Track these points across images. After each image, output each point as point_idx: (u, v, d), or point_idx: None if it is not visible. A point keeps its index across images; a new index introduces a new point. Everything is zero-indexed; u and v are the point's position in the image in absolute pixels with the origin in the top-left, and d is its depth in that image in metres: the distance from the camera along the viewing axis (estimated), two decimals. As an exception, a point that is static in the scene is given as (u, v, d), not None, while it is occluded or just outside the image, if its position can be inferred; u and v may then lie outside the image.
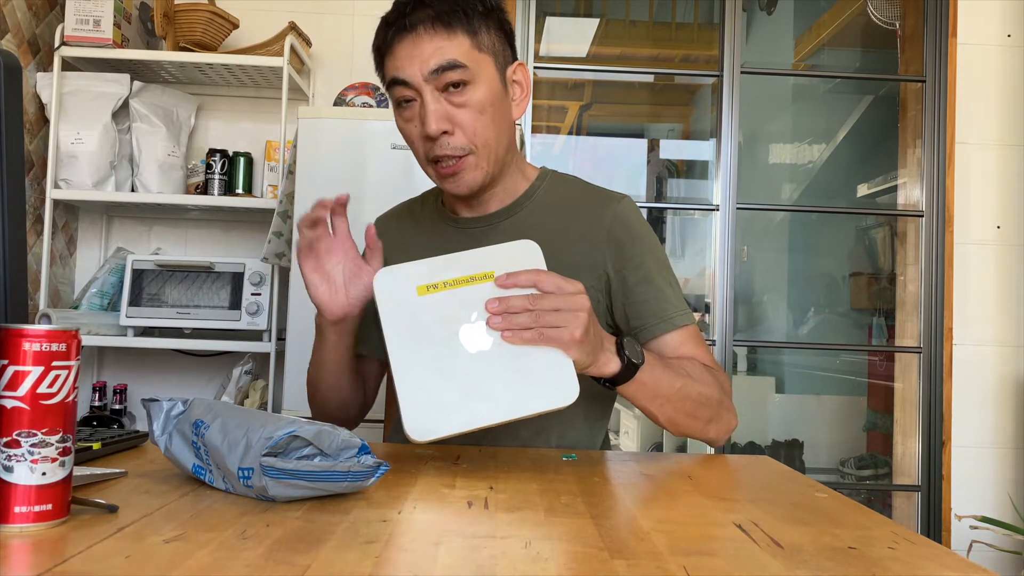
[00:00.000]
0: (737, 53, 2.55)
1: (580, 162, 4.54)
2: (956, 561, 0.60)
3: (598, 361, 0.91)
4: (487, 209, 1.15)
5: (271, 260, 2.18)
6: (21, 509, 0.59)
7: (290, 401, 2.03)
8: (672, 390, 1.00)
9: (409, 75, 1.02)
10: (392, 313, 0.86)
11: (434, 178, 1.10)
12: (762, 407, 3.43)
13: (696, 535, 0.66)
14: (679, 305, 1.12)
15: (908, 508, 2.59)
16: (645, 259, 1.12)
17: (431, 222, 1.21)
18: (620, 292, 1.11)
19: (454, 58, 1.02)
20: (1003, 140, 2.57)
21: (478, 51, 1.04)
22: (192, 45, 2.33)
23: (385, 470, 0.72)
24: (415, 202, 1.27)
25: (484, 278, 0.86)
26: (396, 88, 1.05)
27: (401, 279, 0.87)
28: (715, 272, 2.54)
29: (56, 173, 2.28)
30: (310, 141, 2.04)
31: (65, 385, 0.61)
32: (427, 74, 1.01)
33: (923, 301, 2.53)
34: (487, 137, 1.05)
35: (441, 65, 1.01)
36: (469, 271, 0.86)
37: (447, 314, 0.85)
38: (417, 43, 1.02)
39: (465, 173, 1.06)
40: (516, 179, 1.16)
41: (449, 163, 1.05)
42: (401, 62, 1.03)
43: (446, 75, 1.01)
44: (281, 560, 0.54)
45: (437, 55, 1.01)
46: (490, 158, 1.07)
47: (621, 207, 1.13)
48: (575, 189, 1.18)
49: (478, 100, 1.03)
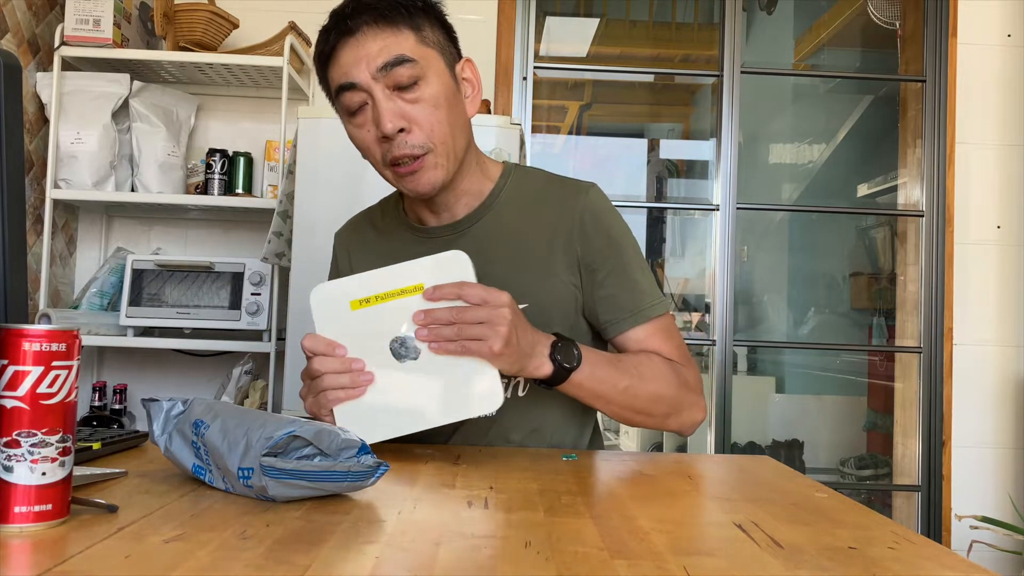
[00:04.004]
0: (737, 53, 2.55)
1: (580, 162, 4.54)
2: (956, 561, 0.60)
3: (527, 368, 0.93)
4: (454, 215, 1.12)
5: (271, 260, 2.18)
6: (21, 509, 0.59)
7: (290, 401, 2.03)
8: (615, 390, 1.00)
9: (357, 77, 0.99)
10: (327, 328, 0.90)
11: (393, 182, 1.06)
12: (762, 407, 3.43)
13: (696, 535, 0.66)
14: (652, 294, 1.09)
15: (908, 508, 2.59)
16: (615, 249, 1.09)
17: (394, 231, 1.18)
18: (590, 285, 1.09)
19: (402, 53, 0.99)
20: (1003, 140, 2.57)
21: (424, 46, 1.01)
22: (192, 45, 2.33)
23: (385, 470, 0.72)
24: (373, 212, 1.24)
25: (414, 290, 0.88)
26: (344, 95, 1.01)
27: (335, 295, 0.90)
28: (715, 272, 2.54)
29: (56, 173, 2.28)
30: (310, 141, 2.04)
31: (65, 385, 0.61)
32: (375, 72, 0.99)
33: (923, 301, 2.53)
34: (444, 133, 1.02)
35: (389, 61, 0.98)
36: (400, 284, 0.88)
37: (379, 327, 0.89)
38: (362, 43, 0.99)
39: (425, 172, 1.02)
40: (479, 179, 1.12)
41: (408, 162, 1.02)
42: (347, 66, 1.00)
43: (396, 72, 0.99)
44: (281, 560, 0.54)
45: (384, 52, 0.99)
46: (449, 156, 1.04)
47: (589, 197, 1.10)
48: (540, 182, 1.15)
49: (432, 95, 1.01)
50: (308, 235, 2.03)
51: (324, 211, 2.03)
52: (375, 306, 0.88)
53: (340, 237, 1.24)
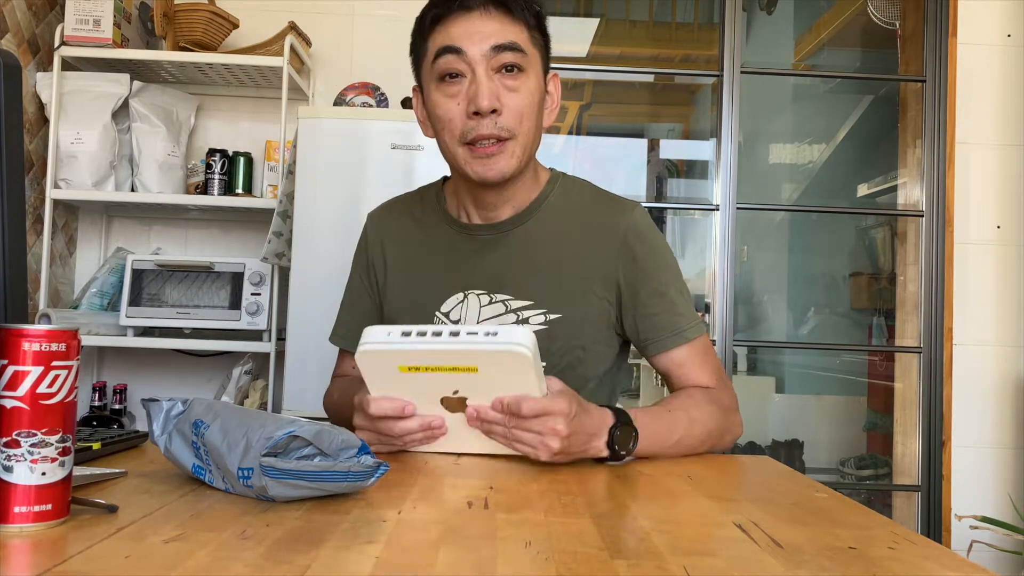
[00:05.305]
0: (737, 53, 2.55)
1: (580, 162, 4.54)
2: (956, 561, 0.60)
3: (585, 455, 0.91)
4: (499, 216, 1.13)
5: (271, 260, 2.18)
6: (21, 509, 0.59)
7: (290, 401, 2.02)
8: (667, 445, 0.99)
9: (467, 48, 1.01)
10: (378, 384, 0.89)
11: (463, 160, 1.05)
12: (762, 407, 3.43)
13: (696, 535, 0.66)
14: (690, 317, 1.11)
15: (908, 508, 2.59)
16: (658, 271, 1.11)
17: (435, 224, 1.18)
18: (631, 304, 1.10)
19: (516, 41, 1.02)
20: (1003, 140, 2.57)
21: (532, 44, 1.05)
22: (192, 45, 2.33)
23: (385, 470, 0.72)
24: (410, 200, 1.23)
25: (467, 371, 0.84)
26: (445, 57, 1.02)
27: (384, 359, 0.86)
28: (715, 272, 2.54)
29: (56, 173, 2.28)
30: (310, 141, 2.04)
31: (65, 385, 0.61)
32: (487, 51, 1.01)
33: (923, 301, 2.53)
34: (529, 126, 1.05)
35: (502, 44, 1.01)
36: (452, 362, 0.84)
37: (428, 389, 0.87)
38: (481, 20, 1.02)
39: (501, 157, 1.04)
40: (529, 185, 1.14)
41: (488, 143, 1.03)
42: (458, 35, 1.02)
43: (504, 55, 1.01)
44: (281, 560, 0.54)
45: (499, 34, 1.02)
46: (525, 150, 1.06)
47: (634, 216, 1.12)
48: (586, 195, 1.16)
49: (528, 88, 1.04)
50: (308, 235, 2.03)
51: (324, 211, 2.03)
52: (425, 373, 0.86)
53: (374, 220, 1.23)
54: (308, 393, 2.00)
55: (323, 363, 1.96)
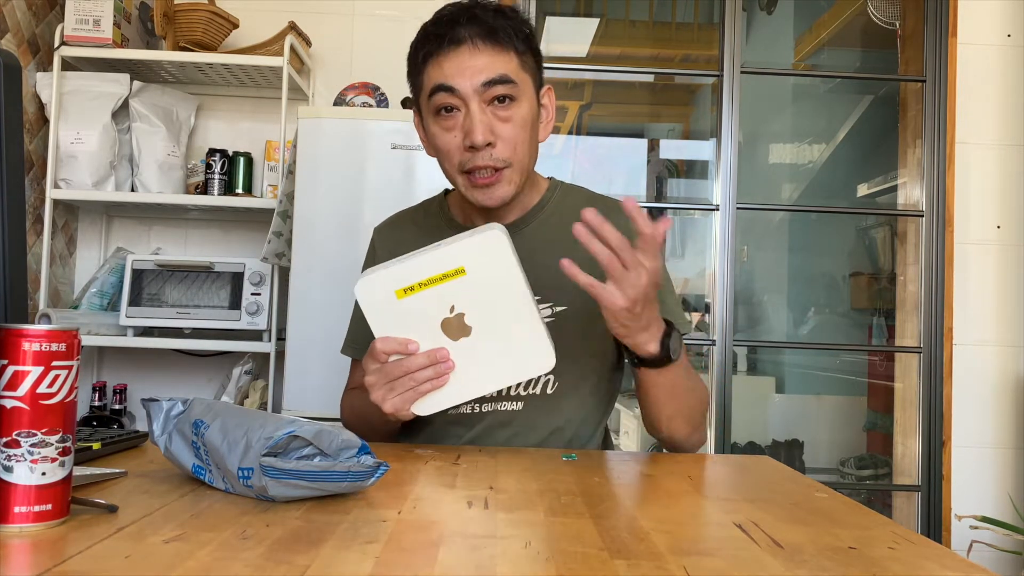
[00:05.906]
0: (737, 53, 2.55)
1: (580, 162, 4.54)
2: (956, 561, 0.60)
3: (637, 339, 0.96)
4: (503, 220, 1.16)
5: (271, 260, 2.18)
6: (21, 509, 0.59)
7: (290, 401, 2.03)
8: (682, 390, 1.05)
9: (459, 85, 1.04)
10: (378, 318, 0.93)
11: (464, 188, 1.10)
12: (762, 407, 3.43)
13: (696, 535, 0.66)
14: (678, 315, 1.15)
15: (908, 508, 2.59)
16: None
17: (439, 229, 1.20)
18: None
19: (505, 73, 1.05)
20: (1003, 140, 2.57)
21: (523, 71, 1.08)
22: (192, 45, 2.33)
23: (385, 470, 0.72)
24: (416, 211, 1.28)
25: (456, 274, 0.90)
26: (439, 95, 1.06)
27: (380, 287, 0.92)
28: (715, 272, 2.54)
29: (56, 173, 2.28)
30: (310, 141, 2.04)
31: (65, 385, 0.61)
32: (478, 86, 1.04)
33: (923, 301, 2.53)
34: (523, 153, 1.08)
35: (493, 78, 1.04)
36: (442, 269, 0.90)
37: (428, 311, 0.92)
38: (470, 55, 1.04)
39: (500, 186, 1.08)
40: (529, 193, 1.18)
41: (485, 174, 1.06)
42: (450, 72, 1.04)
43: (495, 88, 1.04)
44: (281, 560, 0.54)
45: (489, 69, 1.04)
46: (522, 174, 1.10)
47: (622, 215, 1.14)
48: (582, 198, 1.21)
49: (521, 117, 1.07)
50: (308, 235, 2.03)
51: (324, 211, 2.03)
52: (420, 292, 0.91)
53: (381, 232, 1.27)
54: (308, 393, 2.00)
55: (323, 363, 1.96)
